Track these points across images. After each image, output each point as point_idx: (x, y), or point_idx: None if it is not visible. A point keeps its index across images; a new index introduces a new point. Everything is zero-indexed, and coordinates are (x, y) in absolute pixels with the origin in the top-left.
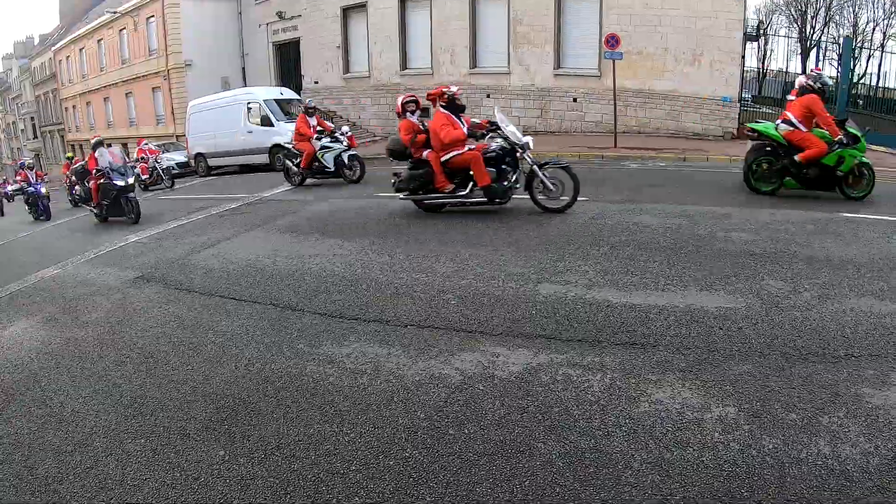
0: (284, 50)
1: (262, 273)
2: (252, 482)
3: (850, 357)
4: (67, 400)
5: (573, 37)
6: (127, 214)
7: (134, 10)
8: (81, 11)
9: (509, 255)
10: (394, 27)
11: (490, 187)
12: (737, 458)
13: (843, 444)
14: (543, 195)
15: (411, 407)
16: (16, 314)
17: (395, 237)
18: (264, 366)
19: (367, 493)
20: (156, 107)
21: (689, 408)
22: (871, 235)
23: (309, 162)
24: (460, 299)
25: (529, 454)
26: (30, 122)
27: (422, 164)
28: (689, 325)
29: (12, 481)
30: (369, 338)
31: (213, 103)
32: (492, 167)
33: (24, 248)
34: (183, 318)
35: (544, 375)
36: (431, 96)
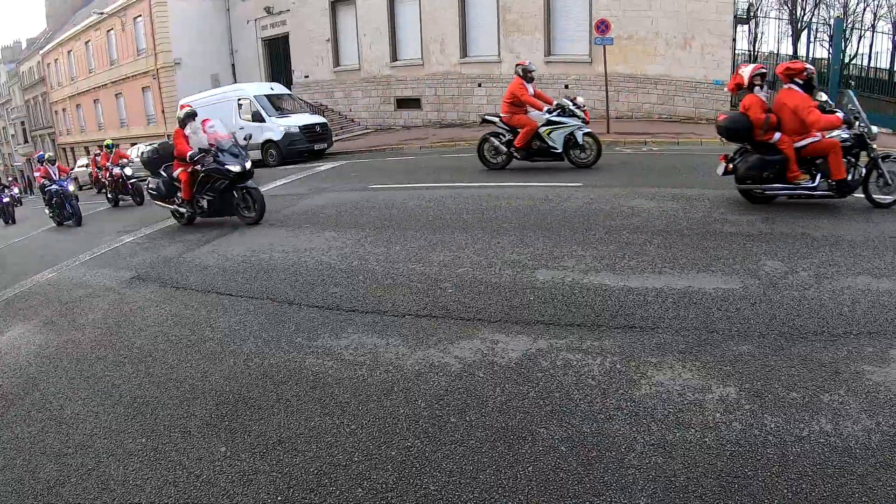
0: (273, 45)
1: (258, 268)
2: (254, 477)
3: (849, 335)
4: (67, 402)
5: (563, 23)
6: (242, 212)
7: (121, 11)
8: (68, 14)
9: (505, 242)
10: (383, 19)
11: (845, 182)
12: (739, 438)
13: (845, 422)
14: (880, 190)
15: (411, 396)
16: (13, 319)
17: (391, 228)
18: (263, 360)
19: (369, 483)
20: (146, 107)
21: (690, 389)
22: (866, 214)
23: (527, 140)
24: (457, 287)
25: (532, 440)
26: (20, 126)
27: (771, 149)
28: (687, 307)
29: (14, 486)
30: (367, 329)
31: (204, 101)
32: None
33: (20, 252)
34: (180, 317)
35: (544, 361)
36: (791, 71)
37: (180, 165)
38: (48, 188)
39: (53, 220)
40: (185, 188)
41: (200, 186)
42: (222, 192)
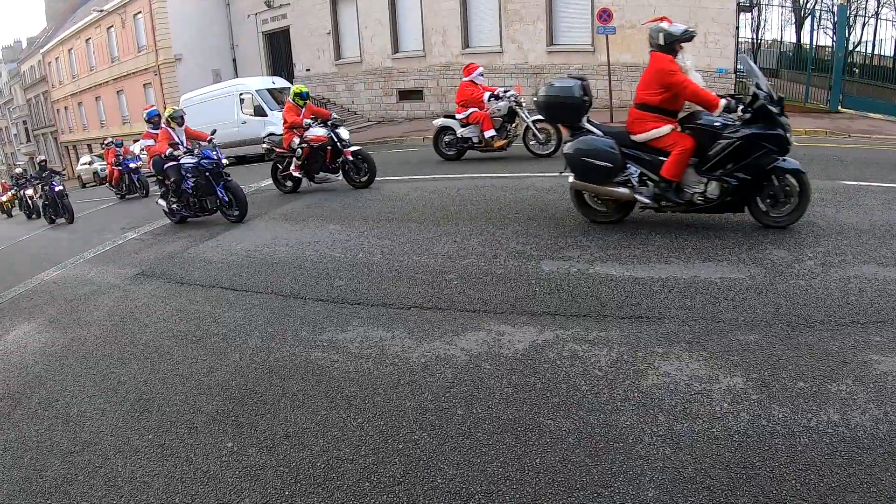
0: (274, 39)
1: (262, 262)
2: (262, 472)
3: (856, 324)
4: (73, 400)
5: (565, 12)
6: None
7: (121, 8)
8: (68, 12)
9: (510, 233)
10: (384, 10)
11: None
12: (747, 429)
13: (853, 412)
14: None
15: (418, 389)
16: (18, 317)
17: (395, 220)
18: (269, 355)
19: (377, 477)
20: (148, 103)
21: (697, 379)
22: (872, 203)
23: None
24: (462, 279)
25: (539, 432)
26: (22, 126)
27: None
28: (693, 296)
29: (22, 485)
30: (373, 322)
31: (206, 96)
32: None
33: (24, 251)
34: (185, 312)
35: (550, 352)
36: None
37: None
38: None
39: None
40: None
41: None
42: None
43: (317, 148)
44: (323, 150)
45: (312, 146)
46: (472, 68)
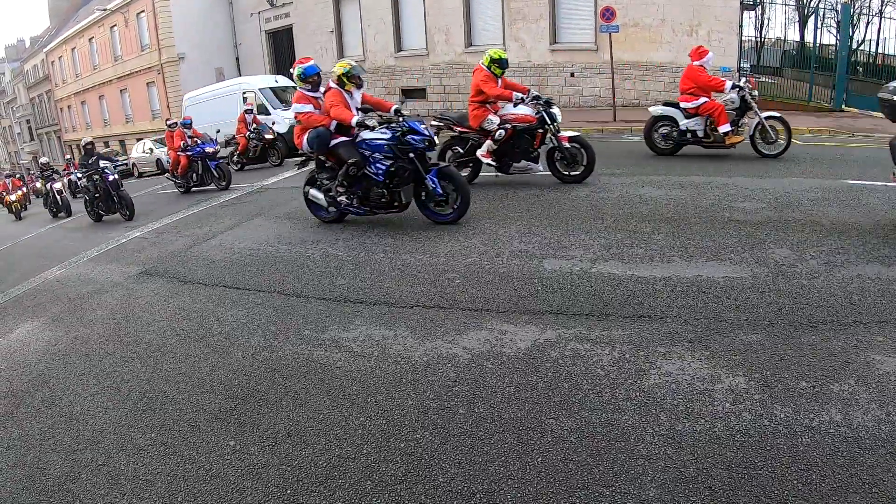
0: (277, 37)
1: (264, 261)
2: (264, 471)
3: (859, 324)
4: (76, 399)
5: (568, 11)
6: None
7: (124, 7)
8: (71, 11)
9: (513, 232)
10: (387, 8)
11: None
12: (749, 428)
13: (855, 412)
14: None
15: (420, 388)
16: (22, 316)
17: (397, 218)
18: (271, 354)
19: (378, 476)
20: (151, 102)
21: (700, 379)
22: (875, 202)
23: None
24: (465, 278)
25: (541, 431)
26: (25, 125)
27: None
28: (696, 295)
29: (25, 482)
30: (375, 320)
31: (209, 95)
32: None
33: (28, 249)
34: (188, 311)
35: (553, 351)
36: None
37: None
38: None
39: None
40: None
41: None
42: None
43: (522, 131)
44: (531, 133)
45: (517, 128)
46: (704, 52)
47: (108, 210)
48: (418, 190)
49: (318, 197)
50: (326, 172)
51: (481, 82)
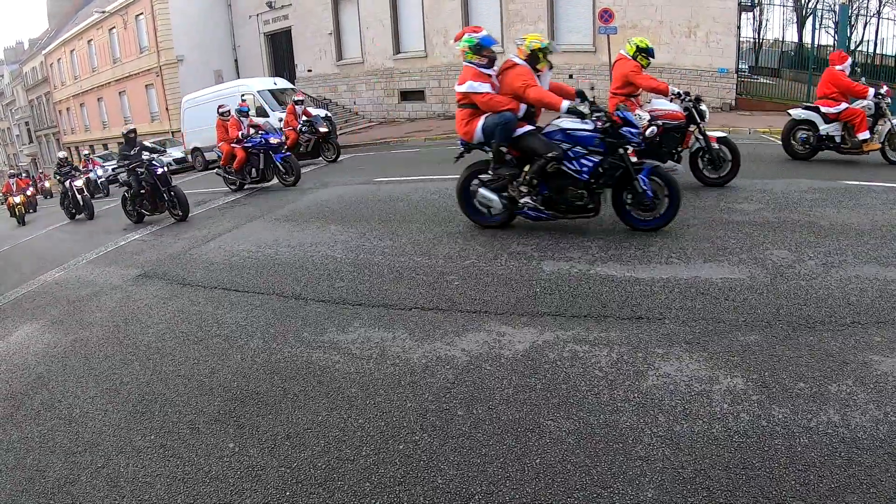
0: (276, 40)
1: (264, 263)
2: (263, 473)
3: (857, 324)
4: (75, 401)
5: (566, 12)
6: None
7: (122, 9)
8: (70, 13)
9: (511, 234)
10: (385, 11)
11: None
12: (746, 429)
13: (853, 412)
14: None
15: (419, 390)
16: (21, 318)
17: (396, 221)
18: (270, 356)
19: (377, 478)
20: (150, 104)
21: (697, 380)
22: (873, 202)
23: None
24: (463, 280)
25: (539, 432)
26: (24, 127)
27: None
28: (694, 297)
29: (24, 485)
30: (374, 323)
31: (208, 97)
32: None
33: (27, 252)
34: (187, 313)
35: (551, 353)
36: None
37: None
38: (256, 142)
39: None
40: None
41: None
42: None
43: (671, 129)
44: (679, 131)
45: (666, 125)
46: (844, 57)
47: (155, 209)
48: (620, 191)
49: (490, 198)
50: (507, 168)
51: (631, 73)
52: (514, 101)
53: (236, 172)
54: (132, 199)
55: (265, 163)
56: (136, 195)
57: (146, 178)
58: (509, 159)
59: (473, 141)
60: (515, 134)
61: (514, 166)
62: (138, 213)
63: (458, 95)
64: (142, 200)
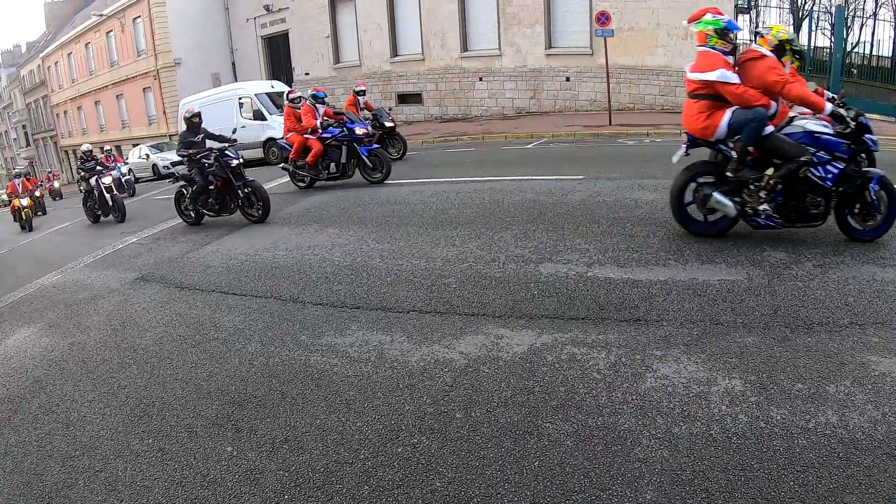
0: (273, 43)
1: (261, 267)
2: (262, 476)
3: (855, 325)
4: (73, 405)
5: (563, 15)
6: None
7: (120, 12)
8: (68, 16)
9: (509, 237)
10: (382, 14)
11: None
12: (745, 430)
13: (851, 413)
14: None
15: (417, 393)
16: (18, 322)
17: (394, 224)
18: (268, 359)
19: (376, 481)
20: (147, 107)
21: (696, 381)
22: None
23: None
24: (461, 283)
25: (537, 435)
26: (21, 130)
27: None
28: (691, 298)
29: (22, 489)
30: (372, 326)
31: (205, 100)
32: None
33: (25, 255)
34: (184, 317)
35: (549, 355)
36: None
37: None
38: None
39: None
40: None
41: None
42: None
43: None
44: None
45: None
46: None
47: (224, 208)
48: (845, 200)
49: (724, 203)
50: (748, 171)
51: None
52: (765, 96)
53: (309, 167)
54: (194, 197)
55: (348, 156)
56: (200, 192)
57: (216, 170)
58: (748, 161)
59: (714, 137)
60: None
61: (751, 169)
62: (197, 214)
63: (693, 84)
64: (207, 198)
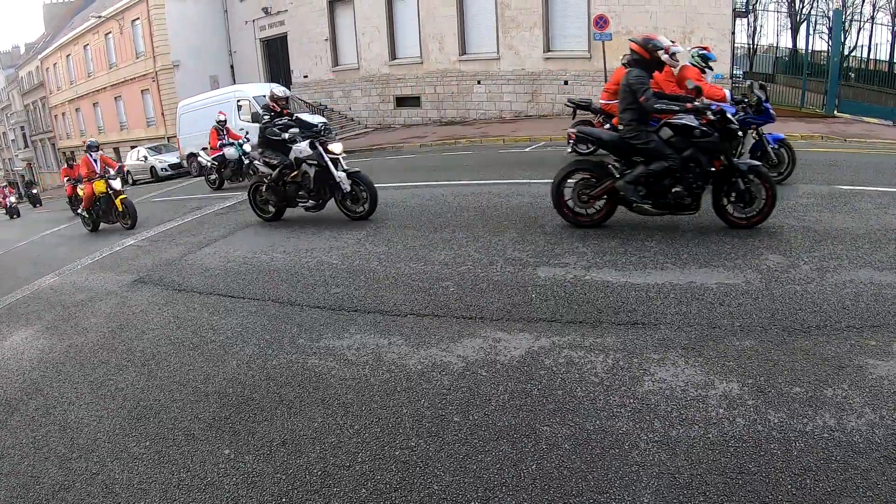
0: (272, 46)
1: (259, 269)
2: (259, 479)
3: (852, 328)
4: (70, 407)
5: (562, 19)
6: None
7: (119, 14)
8: (66, 18)
9: (507, 240)
10: (381, 17)
11: None
12: (742, 434)
13: (849, 416)
14: None
15: (414, 396)
16: (16, 324)
17: (392, 227)
18: (266, 362)
19: (374, 484)
20: (146, 109)
21: (693, 385)
22: (868, 207)
23: None
24: (459, 286)
25: (535, 438)
26: (20, 131)
27: None
28: (689, 302)
29: (19, 492)
30: (369, 329)
31: (203, 102)
32: None
33: (22, 257)
34: (182, 319)
35: (546, 359)
36: None
37: None
38: None
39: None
40: None
41: None
42: None
43: None
44: None
45: None
46: None
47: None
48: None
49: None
50: None
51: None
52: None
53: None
54: (273, 188)
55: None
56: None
57: (313, 158)
58: None
59: None
60: None
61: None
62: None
63: None
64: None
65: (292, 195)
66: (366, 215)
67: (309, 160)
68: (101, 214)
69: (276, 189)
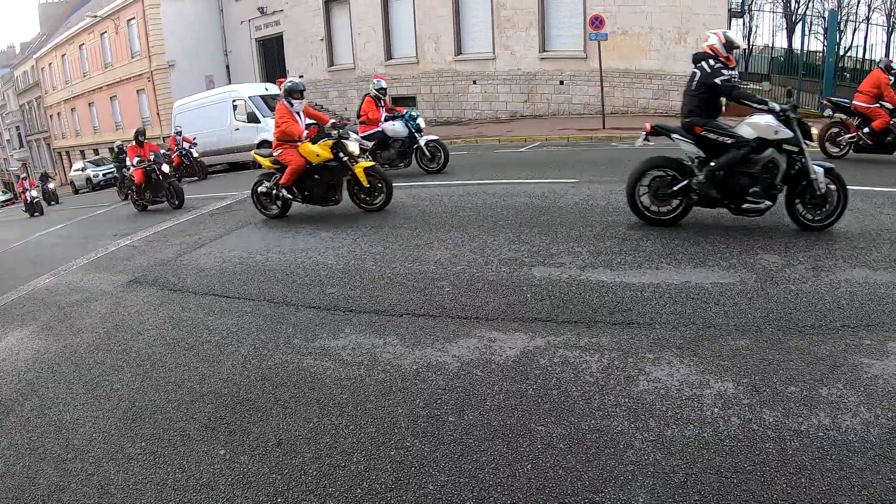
0: (268, 45)
1: (254, 269)
2: (255, 479)
3: (847, 328)
4: (66, 408)
5: (557, 19)
6: None
7: (114, 14)
8: (62, 17)
9: (502, 240)
10: (377, 17)
11: None
12: (737, 433)
13: (844, 415)
14: None
15: (410, 396)
16: (11, 324)
17: (387, 227)
18: (261, 362)
19: (369, 484)
20: (141, 109)
21: (688, 384)
22: (862, 206)
23: None
24: (454, 286)
25: (530, 437)
26: (15, 131)
27: None
28: (684, 302)
29: (15, 492)
30: (365, 329)
31: (199, 102)
32: None
33: (17, 257)
34: (177, 319)
35: (542, 358)
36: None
37: None
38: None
39: None
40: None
41: None
42: None
43: None
44: None
45: None
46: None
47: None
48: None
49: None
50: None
51: None
52: None
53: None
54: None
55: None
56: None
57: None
58: None
59: None
60: None
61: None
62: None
63: None
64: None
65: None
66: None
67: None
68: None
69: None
